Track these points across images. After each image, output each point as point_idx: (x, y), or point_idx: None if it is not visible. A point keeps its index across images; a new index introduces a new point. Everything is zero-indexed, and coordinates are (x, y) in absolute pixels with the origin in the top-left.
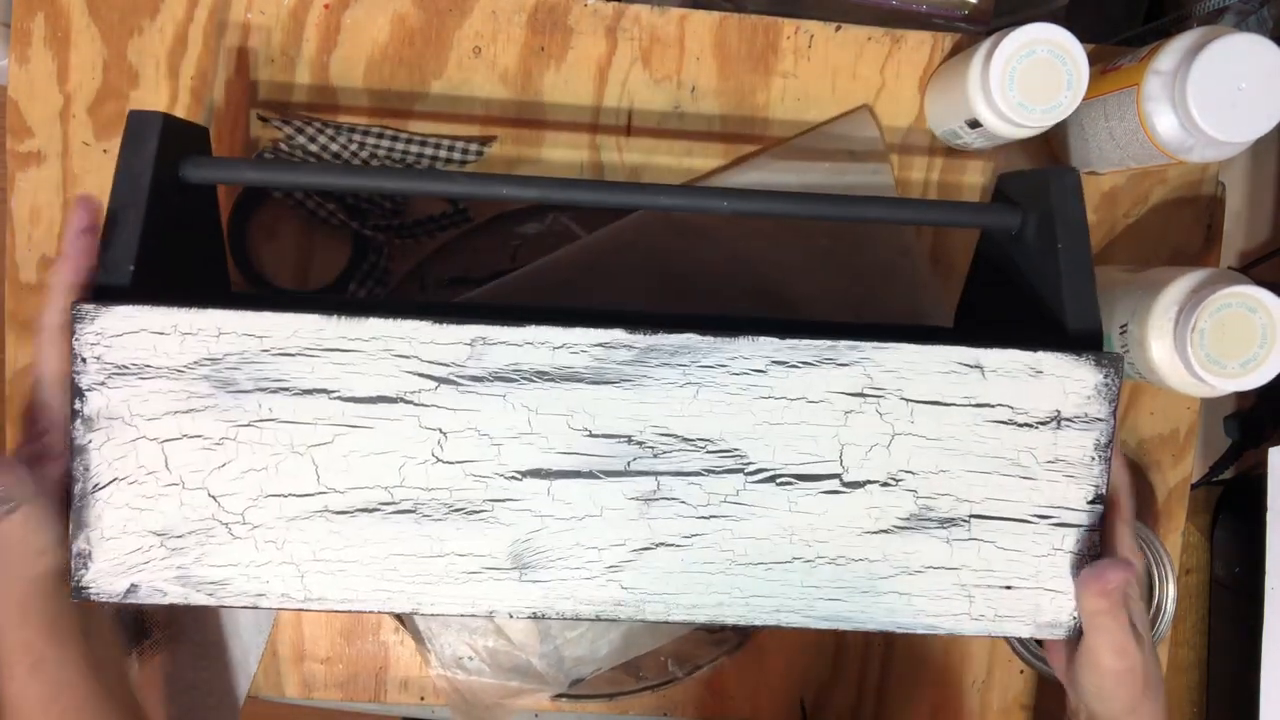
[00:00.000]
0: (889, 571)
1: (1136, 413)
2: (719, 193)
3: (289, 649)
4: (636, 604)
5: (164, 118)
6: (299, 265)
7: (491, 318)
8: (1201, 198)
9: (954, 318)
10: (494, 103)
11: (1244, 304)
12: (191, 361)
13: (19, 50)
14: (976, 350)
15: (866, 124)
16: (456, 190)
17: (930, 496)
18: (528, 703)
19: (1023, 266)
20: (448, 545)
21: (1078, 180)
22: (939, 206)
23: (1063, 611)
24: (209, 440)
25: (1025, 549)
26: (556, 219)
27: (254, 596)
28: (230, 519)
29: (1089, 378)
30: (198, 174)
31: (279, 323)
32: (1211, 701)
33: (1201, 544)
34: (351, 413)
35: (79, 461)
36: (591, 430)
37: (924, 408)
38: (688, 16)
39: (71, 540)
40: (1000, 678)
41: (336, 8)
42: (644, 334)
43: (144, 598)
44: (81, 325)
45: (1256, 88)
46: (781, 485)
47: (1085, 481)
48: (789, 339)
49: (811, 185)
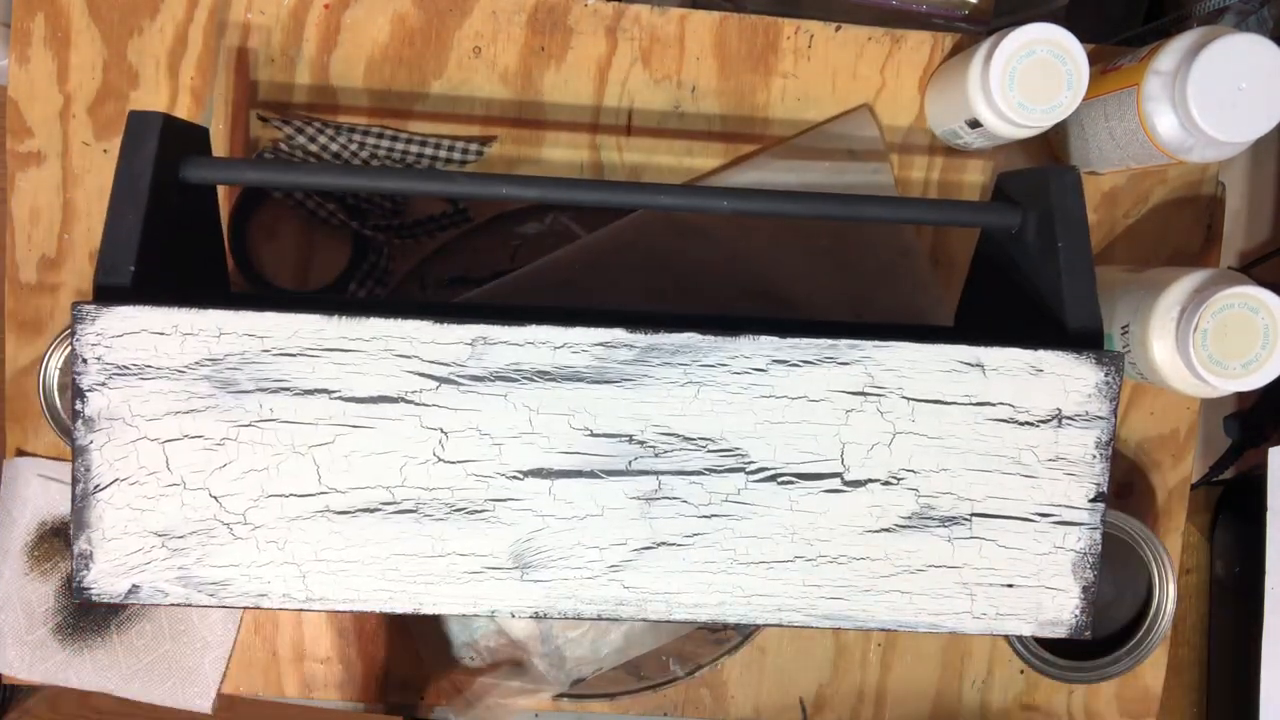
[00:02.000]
0: (890, 570)
1: (1136, 413)
2: (719, 192)
3: (289, 649)
4: (638, 603)
5: (164, 118)
6: (299, 265)
7: (492, 317)
8: (1201, 198)
9: (954, 317)
10: (494, 103)
11: (1246, 304)
12: (192, 362)
13: (19, 50)
14: (977, 349)
15: (866, 123)
16: (456, 190)
17: (931, 495)
18: (529, 702)
19: (1023, 265)
20: (449, 545)
21: (1078, 178)
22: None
23: (1064, 610)
24: (210, 440)
25: (1027, 547)
26: (556, 219)
27: (256, 597)
28: (231, 519)
29: (1090, 376)
30: (198, 174)
31: (280, 323)
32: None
33: (1201, 544)
34: (352, 413)
35: (80, 462)
36: (593, 430)
37: (925, 406)
38: (688, 16)
39: (73, 541)
40: (1000, 677)
41: (336, 8)
42: (645, 333)
43: (145, 598)
44: (82, 326)
45: (1256, 88)
46: (783, 484)
47: (1086, 480)
48: (790, 338)
49: (811, 185)
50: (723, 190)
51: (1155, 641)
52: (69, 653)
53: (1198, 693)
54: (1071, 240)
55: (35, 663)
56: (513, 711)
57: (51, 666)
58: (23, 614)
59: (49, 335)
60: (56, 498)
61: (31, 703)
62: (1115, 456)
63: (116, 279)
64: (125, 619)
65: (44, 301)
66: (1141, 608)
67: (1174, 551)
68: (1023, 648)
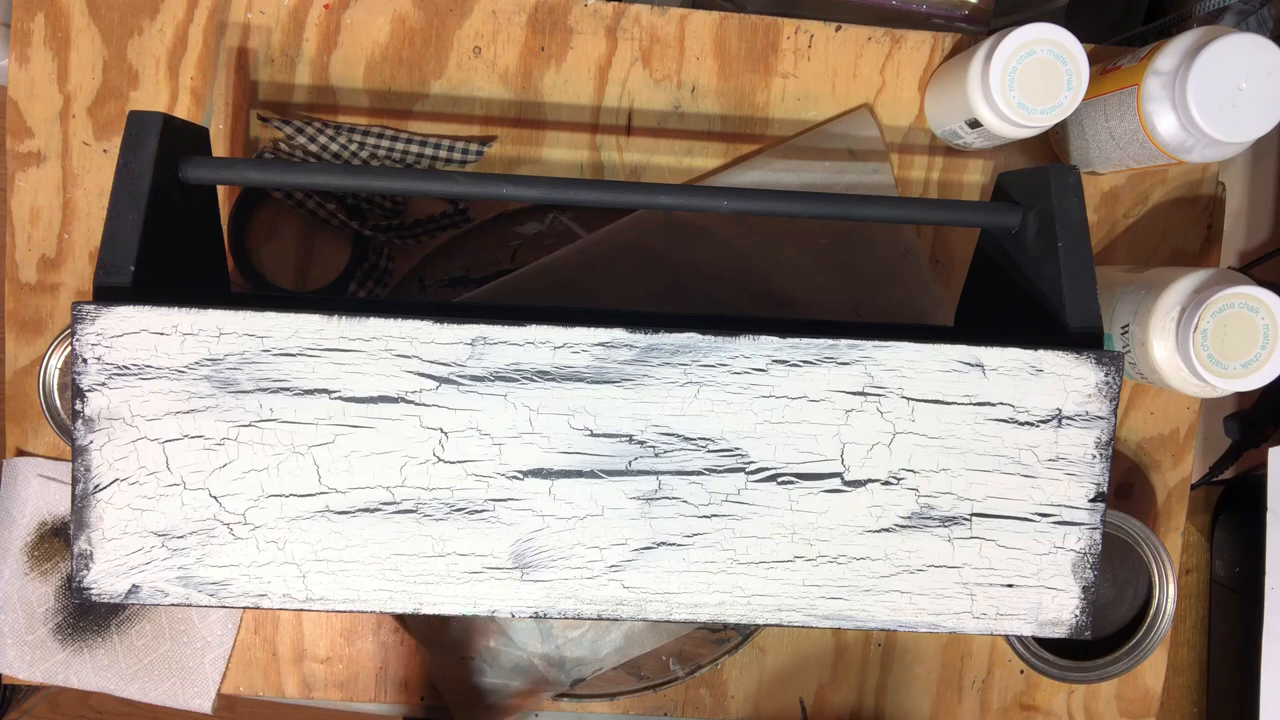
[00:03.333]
0: (890, 570)
1: (1136, 413)
2: (719, 192)
3: (289, 649)
4: (638, 603)
5: (164, 118)
6: (299, 265)
7: (492, 317)
8: (1201, 198)
9: (954, 317)
10: (494, 103)
11: (1246, 304)
12: (192, 362)
13: (19, 50)
14: (977, 349)
15: (866, 123)
16: (457, 190)
17: (931, 495)
18: (529, 703)
19: (1023, 265)
20: (449, 545)
21: (1078, 178)
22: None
23: (1064, 610)
24: (210, 440)
25: (1027, 547)
26: (556, 219)
27: (256, 597)
28: (231, 519)
29: (1090, 376)
30: (197, 174)
31: (279, 323)
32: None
33: (1201, 544)
34: (352, 413)
35: (80, 462)
36: (593, 430)
37: (925, 406)
38: (688, 16)
39: (73, 541)
40: (1000, 677)
41: (336, 8)
42: (645, 333)
43: (145, 598)
44: (82, 326)
45: (1256, 88)
46: (783, 484)
47: (1087, 479)
48: (790, 338)
49: (811, 185)
50: (722, 190)
51: (1155, 641)
52: (69, 653)
53: (1198, 693)
54: (1071, 240)
55: (35, 663)
56: (513, 711)
57: (51, 666)
58: (23, 614)
59: (49, 335)
60: (56, 498)
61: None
62: (1115, 456)
63: (116, 279)
64: (125, 619)
65: (44, 301)
66: (1141, 608)
67: (1174, 551)
68: (1023, 648)
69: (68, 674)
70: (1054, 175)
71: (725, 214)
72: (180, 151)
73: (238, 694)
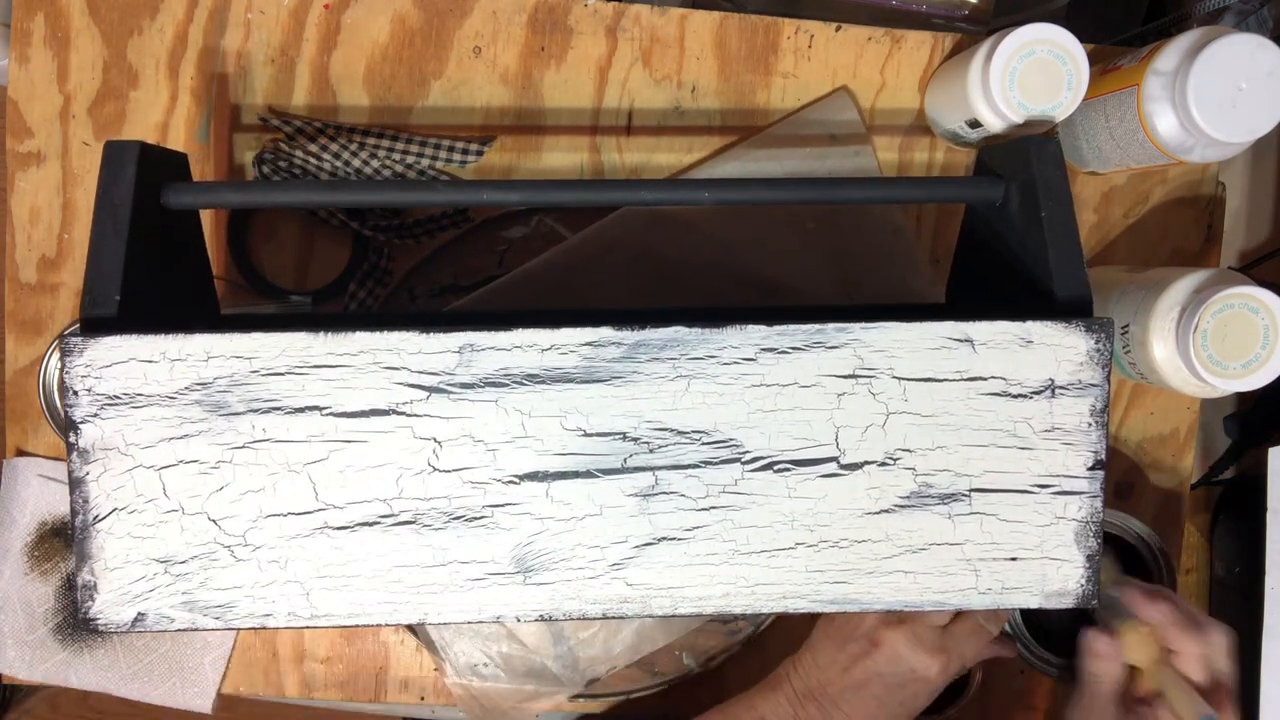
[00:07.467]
0: (893, 551)
1: (1136, 413)
2: (700, 184)
3: (289, 649)
4: (643, 600)
5: (140, 146)
6: (299, 265)
7: (478, 323)
8: (1201, 198)
9: (945, 295)
10: (494, 103)
11: (1246, 304)
12: (182, 387)
13: (19, 50)
14: (965, 324)
15: (845, 106)
16: (438, 198)
17: (929, 473)
18: (545, 705)
19: (1008, 238)
20: (450, 554)
21: (1058, 148)
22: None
23: (1069, 580)
24: (205, 464)
25: (1028, 519)
26: (542, 221)
27: (261, 617)
28: (232, 541)
29: (1080, 344)
30: (179, 200)
31: (266, 343)
32: None
33: (1201, 544)
34: (344, 428)
35: (78, 494)
36: (586, 430)
37: (916, 385)
38: (688, 16)
39: (76, 572)
40: (1000, 677)
41: (336, 8)
42: (631, 330)
43: (151, 625)
44: (70, 359)
45: (1256, 88)
46: (779, 472)
47: (1084, 448)
48: (777, 325)
49: (792, 172)
50: (704, 182)
51: None
52: (69, 653)
53: None
54: (1055, 210)
55: (35, 663)
56: (530, 715)
57: (51, 666)
58: (23, 614)
59: (49, 335)
60: (56, 498)
61: (31, 703)
62: (1115, 456)
63: (103, 310)
64: None
65: (44, 301)
66: None
67: (1174, 551)
68: (1023, 647)
69: (68, 674)
70: (1034, 146)
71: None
72: (160, 177)
73: (238, 694)
